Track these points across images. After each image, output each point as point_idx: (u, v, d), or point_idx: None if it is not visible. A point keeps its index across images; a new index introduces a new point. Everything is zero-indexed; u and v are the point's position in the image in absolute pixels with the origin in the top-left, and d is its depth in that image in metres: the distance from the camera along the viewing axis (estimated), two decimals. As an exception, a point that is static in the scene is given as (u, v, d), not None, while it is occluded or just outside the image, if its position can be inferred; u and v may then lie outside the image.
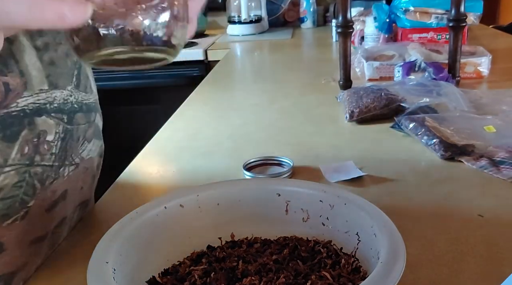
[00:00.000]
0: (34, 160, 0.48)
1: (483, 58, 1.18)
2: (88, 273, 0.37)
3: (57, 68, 0.51)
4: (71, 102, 0.53)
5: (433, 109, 0.90)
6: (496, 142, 0.74)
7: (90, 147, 0.58)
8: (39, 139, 0.48)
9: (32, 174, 0.48)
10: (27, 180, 0.48)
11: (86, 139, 0.57)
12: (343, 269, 0.43)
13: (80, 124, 0.55)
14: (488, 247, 0.50)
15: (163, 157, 0.82)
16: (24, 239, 0.50)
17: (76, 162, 0.56)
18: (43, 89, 0.49)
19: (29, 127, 0.47)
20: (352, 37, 1.14)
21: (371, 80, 1.22)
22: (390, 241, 0.38)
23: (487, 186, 0.63)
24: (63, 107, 0.51)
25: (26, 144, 0.47)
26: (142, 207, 0.46)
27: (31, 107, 0.47)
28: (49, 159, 0.50)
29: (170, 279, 0.44)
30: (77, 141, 0.55)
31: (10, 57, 0.45)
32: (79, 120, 0.54)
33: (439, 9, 1.40)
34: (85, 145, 0.57)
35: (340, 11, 1.06)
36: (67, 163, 0.53)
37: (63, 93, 0.52)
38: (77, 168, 0.56)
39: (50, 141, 0.50)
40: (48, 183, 0.51)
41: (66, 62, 0.53)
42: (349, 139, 0.84)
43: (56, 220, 0.55)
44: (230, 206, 0.49)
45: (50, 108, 0.49)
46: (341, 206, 0.46)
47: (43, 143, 0.49)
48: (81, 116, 0.55)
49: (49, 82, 0.50)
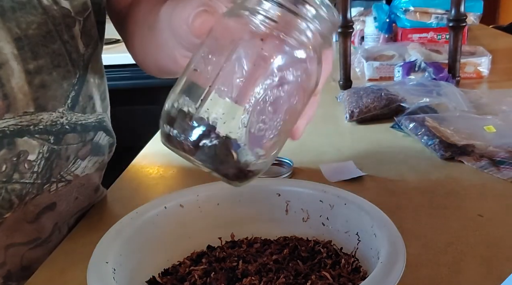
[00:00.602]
0: (13, 177, 0.49)
1: (483, 58, 1.18)
2: (88, 273, 0.37)
3: (48, 91, 0.50)
4: (61, 123, 0.52)
5: (433, 109, 0.90)
6: (496, 142, 0.74)
7: (85, 164, 0.57)
8: (19, 159, 0.49)
9: (10, 190, 0.49)
10: (3, 195, 0.49)
11: (79, 158, 0.56)
12: (343, 269, 0.43)
13: (71, 144, 0.54)
14: (488, 247, 0.50)
15: (163, 157, 0.82)
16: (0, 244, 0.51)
17: (67, 179, 0.55)
18: (28, 111, 0.48)
19: (8, 147, 0.48)
20: (352, 37, 1.14)
21: (371, 80, 1.22)
22: (390, 241, 0.38)
23: (487, 186, 0.63)
24: (50, 129, 0.51)
25: (4, 163, 0.48)
26: (142, 207, 0.46)
27: (12, 128, 0.48)
28: (30, 177, 0.50)
29: (170, 279, 0.44)
30: (67, 160, 0.54)
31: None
32: (70, 140, 0.54)
33: (439, 9, 1.40)
34: (78, 163, 0.56)
35: (340, 11, 1.06)
36: (54, 180, 0.53)
37: (52, 115, 0.51)
38: (69, 184, 0.56)
39: (32, 160, 0.50)
40: (29, 198, 0.51)
41: (62, 84, 0.52)
42: (349, 139, 0.84)
43: (47, 228, 0.56)
44: (230, 206, 0.49)
45: (34, 129, 0.49)
46: (341, 206, 0.46)
47: (23, 162, 0.49)
48: (73, 136, 0.54)
49: (36, 104, 0.49)
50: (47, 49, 0.49)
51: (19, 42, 0.47)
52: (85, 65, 0.55)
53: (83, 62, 0.55)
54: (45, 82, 0.50)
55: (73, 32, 0.52)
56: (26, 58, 0.47)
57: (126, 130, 2.04)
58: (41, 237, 0.55)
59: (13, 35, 0.46)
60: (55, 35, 0.50)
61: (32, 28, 0.48)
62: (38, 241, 0.55)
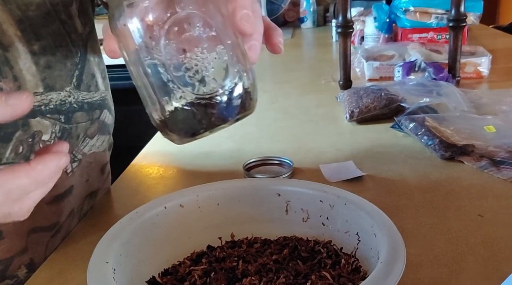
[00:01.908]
0: (30, 158, 0.49)
1: (483, 58, 1.18)
2: (88, 273, 0.37)
3: (54, 71, 0.51)
4: (70, 102, 0.54)
5: (433, 109, 0.90)
6: (496, 142, 0.74)
7: (93, 142, 0.59)
8: (34, 139, 0.50)
9: None
10: None
11: (88, 136, 0.58)
12: (343, 269, 0.44)
13: (80, 123, 0.56)
14: (488, 247, 0.50)
15: (163, 157, 0.82)
16: (23, 229, 0.52)
17: (78, 158, 0.57)
18: (37, 92, 0.50)
19: (23, 128, 0.48)
20: (352, 37, 1.14)
21: (371, 80, 1.22)
22: (390, 241, 0.38)
23: (487, 186, 0.63)
24: (60, 108, 0.52)
25: (20, 144, 0.48)
26: (142, 207, 0.46)
27: None
28: None
29: (170, 279, 0.44)
30: (77, 138, 0.56)
31: (4, 64, 0.46)
32: (79, 118, 0.55)
33: (439, 9, 1.40)
34: (86, 141, 0.58)
35: (340, 11, 1.06)
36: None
37: (60, 94, 0.52)
38: (80, 163, 0.58)
39: (46, 140, 0.51)
40: None
41: (65, 64, 0.53)
42: (349, 139, 0.84)
43: (64, 212, 0.57)
44: (230, 206, 0.49)
45: (45, 109, 0.51)
46: (341, 206, 0.46)
47: (38, 143, 0.50)
48: (82, 115, 0.56)
49: (45, 84, 0.50)
50: (48, 30, 0.51)
51: (21, 24, 0.48)
52: (84, 44, 0.57)
53: (82, 41, 0.56)
54: (50, 62, 0.51)
55: (70, 12, 0.54)
56: (30, 39, 0.48)
57: (126, 130, 2.04)
58: (59, 221, 0.56)
59: (14, 17, 0.47)
60: (53, 15, 0.51)
61: (32, 9, 0.49)
62: (58, 226, 0.56)
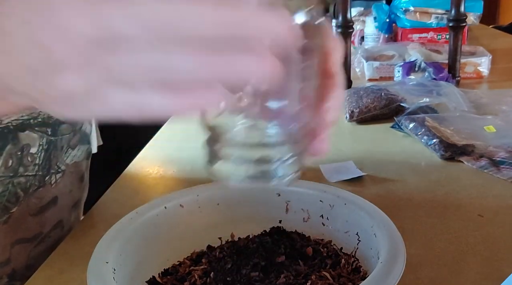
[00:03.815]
0: (18, 171, 0.51)
1: (483, 58, 1.18)
2: (88, 273, 0.37)
3: None
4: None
5: (433, 109, 0.90)
6: (496, 142, 0.74)
7: (74, 153, 0.60)
8: (23, 152, 0.50)
9: (16, 184, 0.51)
10: (10, 190, 0.50)
11: (70, 147, 0.59)
12: (343, 269, 0.44)
13: (65, 134, 0.57)
14: (488, 247, 0.50)
15: (163, 157, 0.82)
16: (6, 241, 0.52)
17: (62, 169, 0.58)
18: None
19: (12, 142, 0.49)
20: (352, 37, 1.14)
21: (371, 80, 1.22)
22: (390, 241, 0.38)
23: (487, 186, 0.63)
24: (48, 121, 0.53)
25: (10, 158, 0.49)
26: (142, 207, 0.46)
27: (15, 123, 0.49)
28: (32, 170, 0.52)
29: (170, 279, 0.44)
30: (61, 150, 0.57)
31: None
32: (64, 130, 0.56)
33: (439, 9, 1.40)
34: (69, 152, 0.59)
35: (340, 11, 1.06)
36: (53, 171, 0.56)
37: None
38: (64, 174, 0.58)
39: (34, 153, 0.52)
40: (32, 190, 0.53)
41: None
42: (349, 139, 0.84)
43: (49, 224, 0.57)
44: (230, 206, 0.49)
45: (34, 122, 0.51)
46: (341, 206, 0.46)
47: (26, 156, 0.51)
48: (66, 127, 0.57)
49: None
50: None
51: None
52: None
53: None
54: None
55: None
56: None
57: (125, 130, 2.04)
58: (42, 231, 0.57)
59: None
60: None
61: None
62: (41, 237, 0.56)
